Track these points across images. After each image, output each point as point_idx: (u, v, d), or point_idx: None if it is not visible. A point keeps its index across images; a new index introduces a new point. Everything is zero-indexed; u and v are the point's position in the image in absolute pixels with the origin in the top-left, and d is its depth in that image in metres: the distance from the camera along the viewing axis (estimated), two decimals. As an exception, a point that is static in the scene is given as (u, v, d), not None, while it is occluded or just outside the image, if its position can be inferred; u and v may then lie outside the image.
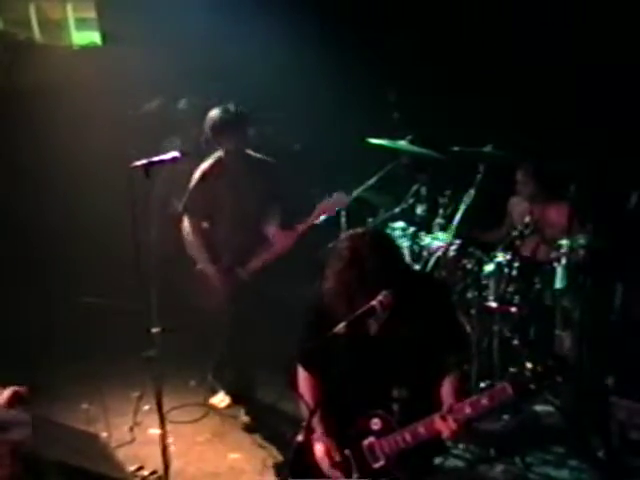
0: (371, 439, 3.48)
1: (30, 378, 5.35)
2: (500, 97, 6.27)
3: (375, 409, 3.49)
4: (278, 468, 4.80)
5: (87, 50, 7.88)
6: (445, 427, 3.28)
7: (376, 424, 3.47)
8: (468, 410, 3.29)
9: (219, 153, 5.26)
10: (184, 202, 5.34)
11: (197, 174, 5.30)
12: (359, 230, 3.58)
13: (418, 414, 3.39)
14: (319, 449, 3.54)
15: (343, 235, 3.61)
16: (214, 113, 5.16)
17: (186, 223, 5.33)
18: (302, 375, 3.72)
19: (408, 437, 3.39)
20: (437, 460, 3.88)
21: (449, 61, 6.49)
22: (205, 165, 5.29)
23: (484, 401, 3.27)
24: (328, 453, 3.51)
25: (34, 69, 7.46)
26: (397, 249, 3.67)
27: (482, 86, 6.36)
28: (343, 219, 5.62)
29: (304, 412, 3.58)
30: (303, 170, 6.91)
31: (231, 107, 5.14)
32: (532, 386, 3.20)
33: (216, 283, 5.28)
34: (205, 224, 5.37)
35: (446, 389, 3.45)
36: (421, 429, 3.36)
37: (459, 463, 4.81)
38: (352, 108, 6.57)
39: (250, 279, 5.28)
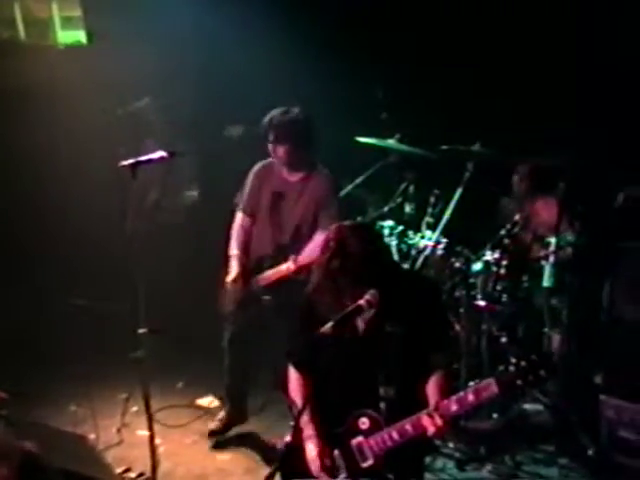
0: (359, 438, 3.47)
1: (17, 380, 5.37)
2: (490, 96, 6.26)
3: (363, 408, 3.47)
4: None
5: (73, 49, 7.84)
6: (432, 424, 3.28)
7: (364, 423, 3.46)
8: (454, 407, 3.29)
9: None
10: (239, 195, 5.21)
11: (253, 169, 5.14)
12: (346, 222, 3.58)
13: (406, 413, 3.37)
14: (310, 449, 3.52)
15: (330, 227, 3.58)
16: (266, 118, 4.89)
17: (236, 216, 5.17)
18: (293, 375, 3.70)
19: (395, 435, 3.38)
20: (426, 459, 3.89)
21: (439, 60, 6.47)
22: (260, 164, 5.11)
23: (470, 398, 3.27)
24: (319, 455, 3.49)
25: (18, 69, 7.41)
26: (384, 243, 3.66)
27: (471, 84, 6.35)
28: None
29: (293, 412, 3.57)
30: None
31: (285, 114, 4.85)
32: (518, 382, 3.20)
33: (231, 283, 5.02)
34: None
35: (432, 387, 3.45)
36: (408, 427, 3.35)
37: (448, 462, 4.80)
38: (341, 106, 6.55)
39: (260, 292, 4.99)
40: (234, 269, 5.04)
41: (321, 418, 3.55)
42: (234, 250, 5.09)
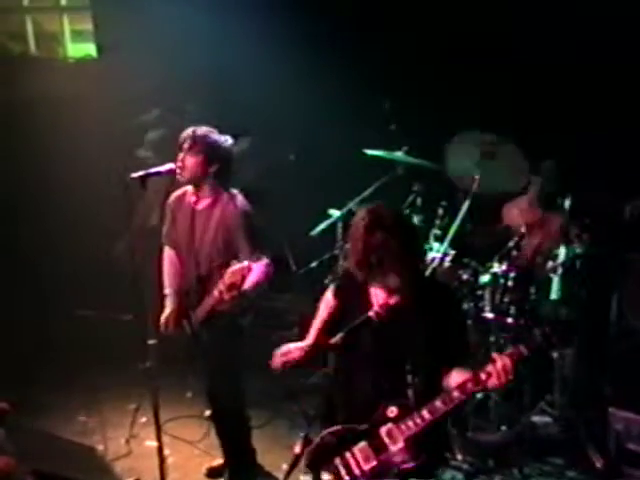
0: (389, 425, 3.44)
1: (26, 391, 5.39)
2: (497, 106, 6.28)
3: (391, 397, 3.46)
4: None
5: (83, 62, 7.90)
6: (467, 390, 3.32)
7: (392, 412, 3.45)
8: (484, 376, 3.29)
9: None
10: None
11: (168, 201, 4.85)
12: (375, 202, 3.56)
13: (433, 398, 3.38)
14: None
15: (362, 208, 3.53)
16: (190, 130, 4.60)
17: (164, 249, 4.90)
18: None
19: (427, 415, 3.37)
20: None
21: (446, 70, 6.49)
22: (174, 195, 4.81)
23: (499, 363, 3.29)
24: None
25: (30, 83, 7.47)
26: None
27: (478, 95, 6.36)
28: (339, 230, 5.62)
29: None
30: (298, 180, 6.93)
31: (212, 132, 4.59)
32: (543, 344, 3.33)
33: (162, 324, 4.72)
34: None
35: (454, 376, 3.42)
36: (438, 403, 3.35)
37: (457, 474, 4.80)
38: (348, 118, 6.58)
39: (200, 330, 4.66)
40: (167, 309, 4.78)
41: (350, 411, 3.55)
42: (167, 289, 4.82)
